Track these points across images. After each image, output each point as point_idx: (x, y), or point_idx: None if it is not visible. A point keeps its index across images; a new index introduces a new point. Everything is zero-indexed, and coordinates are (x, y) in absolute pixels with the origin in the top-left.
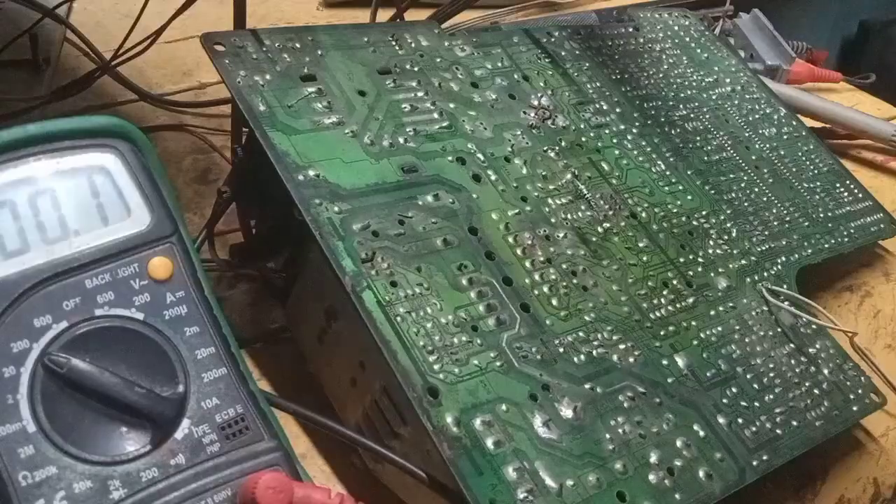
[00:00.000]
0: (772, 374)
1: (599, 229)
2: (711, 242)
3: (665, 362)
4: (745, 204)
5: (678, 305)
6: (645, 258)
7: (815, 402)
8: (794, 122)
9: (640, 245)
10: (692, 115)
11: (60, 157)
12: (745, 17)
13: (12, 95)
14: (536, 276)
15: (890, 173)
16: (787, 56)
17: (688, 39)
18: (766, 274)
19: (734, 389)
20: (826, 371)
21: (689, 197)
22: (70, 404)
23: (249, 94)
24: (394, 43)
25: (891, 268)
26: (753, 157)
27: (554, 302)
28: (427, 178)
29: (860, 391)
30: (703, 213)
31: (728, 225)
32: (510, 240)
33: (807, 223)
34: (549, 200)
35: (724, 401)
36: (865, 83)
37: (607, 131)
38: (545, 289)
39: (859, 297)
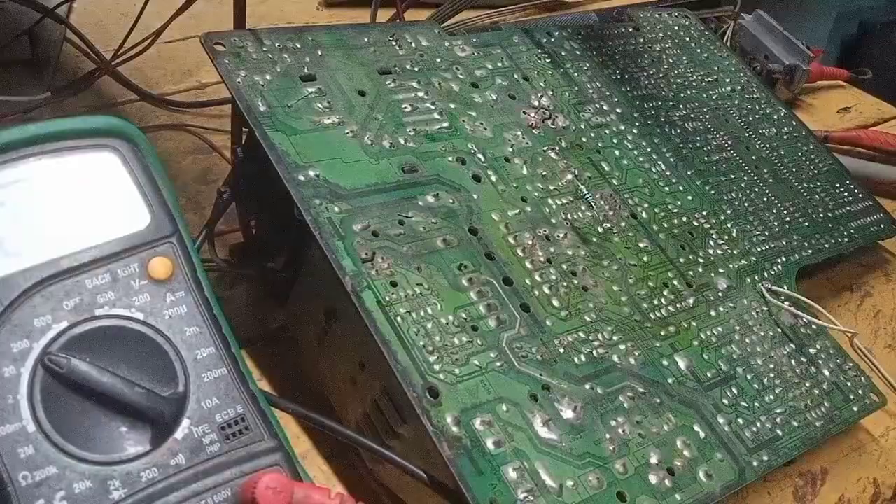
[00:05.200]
0: (772, 375)
1: (599, 229)
2: (711, 242)
3: (665, 362)
4: (745, 204)
5: (678, 306)
6: (645, 258)
7: (815, 402)
8: (794, 122)
9: (640, 245)
10: (692, 115)
11: (60, 157)
12: (748, 18)
13: (12, 95)
14: (536, 276)
15: None
16: (804, 55)
17: (688, 39)
18: (766, 274)
19: (734, 390)
20: (826, 371)
21: (689, 197)
22: (70, 404)
23: (249, 94)
24: (394, 43)
25: (891, 268)
26: (753, 157)
27: (554, 302)
28: (427, 178)
29: (860, 391)
30: (703, 213)
31: (728, 225)
32: (510, 240)
33: (807, 223)
34: (550, 200)
35: (724, 401)
36: (863, 79)
37: (607, 131)
38: (545, 289)
39: (859, 297)
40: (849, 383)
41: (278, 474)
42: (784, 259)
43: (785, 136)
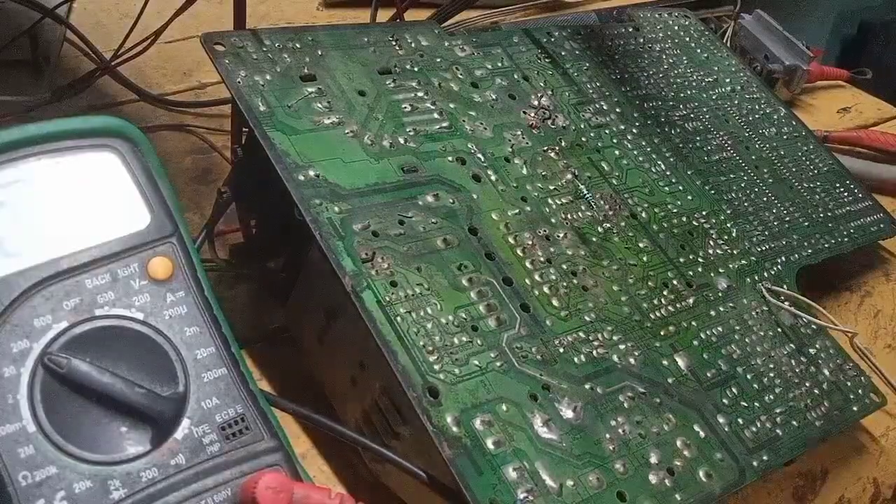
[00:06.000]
0: (772, 374)
1: (599, 229)
2: (711, 242)
3: (665, 362)
4: (745, 204)
5: (678, 305)
6: (645, 258)
7: (815, 402)
8: (794, 122)
9: (640, 245)
10: (692, 115)
11: (60, 157)
12: (748, 18)
13: (12, 95)
14: (536, 276)
15: None
16: (804, 55)
17: (688, 39)
18: (766, 274)
19: (734, 389)
20: (826, 371)
21: (689, 197)
22: (70, 404)
23: (249, 94)
24: (394, 43)
25: (891, 268)
26: (753, 157)
27: (554, 302)
28: (427, 178)
29: (860, 391)
30: (703, 213)
31: (728, 225)
32: (510, 240)
33: (807, 223)
34: (550, 200)
35: (725, 401)
36: (863, 79)
37: (607, 131)
38: (545, 289)
39: (859, 297)
40: (849, 383)
41: (278, 474)
42: (784, 259)
43: (785, 136)
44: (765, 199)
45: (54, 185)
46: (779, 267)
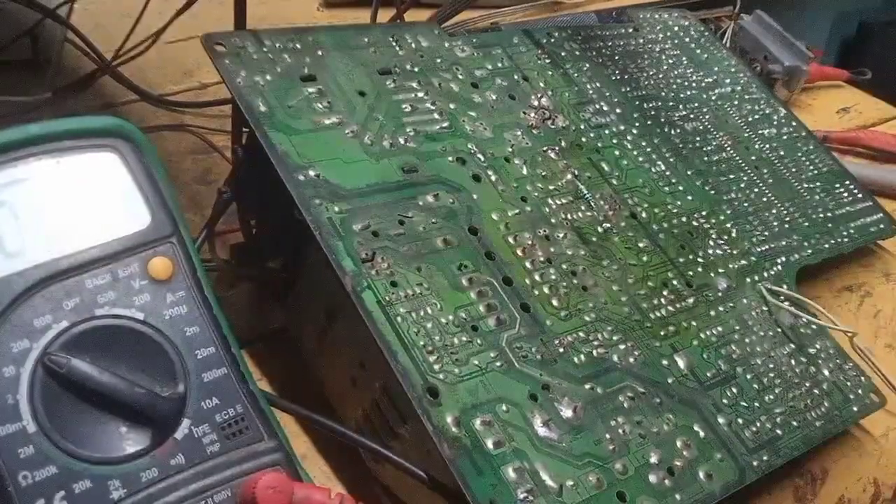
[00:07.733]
0: (772, 374)
1: (599, 229)
2: (711, 242)
3: (665, 362)
4: (745, 204)
5: (678, 305)
6: (645, 258)
7: (815, 402)
8: (794, 123)
9: (640, 245)
10: (692, 116)
11: (60, 157)
12: (748, 19)
13: (12, 95)
14: (536, 276)
15: None
16: (804, 56)
17: (687, 40)
18: (765, 274)
19: (734, 389)
20: (826, 371)
21: (689, 197)
22: (70, 404)
23: (250, 94)
24: (394, 43)
25: (891, 268)
26: (753, 158)
27: (554, 302)
28: (427, 178)
29: (860, 391)
30: (703, 213)
31: (728, 225)
32: (510, 240)
33: (807, 223)
34: (549, 200)
35: (724, 401)
36: (862, 79)
37: (607, 131)
38: (545, 289)
39: (859, 297)
40: (849, 383)
41: (278, 474)
42: (784, 259)
43: (785, 137)
44: (765, 199)
45: (54, 184)
46: (779, 267)
